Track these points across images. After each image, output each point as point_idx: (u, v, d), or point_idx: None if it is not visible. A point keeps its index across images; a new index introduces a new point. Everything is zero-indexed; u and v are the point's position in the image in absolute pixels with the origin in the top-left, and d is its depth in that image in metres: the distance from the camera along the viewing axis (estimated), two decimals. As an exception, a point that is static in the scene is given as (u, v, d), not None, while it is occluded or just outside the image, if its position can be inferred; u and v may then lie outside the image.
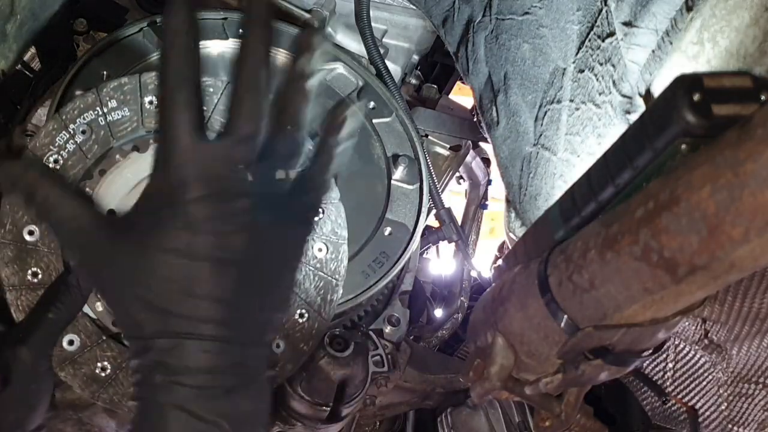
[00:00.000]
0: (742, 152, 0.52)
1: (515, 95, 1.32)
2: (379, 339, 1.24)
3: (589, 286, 0.70)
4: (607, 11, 1.08)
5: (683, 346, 1.27)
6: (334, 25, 1.57)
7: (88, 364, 0.98)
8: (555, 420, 0.95)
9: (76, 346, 0.99)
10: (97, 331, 1.00)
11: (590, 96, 1.15)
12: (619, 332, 0.72)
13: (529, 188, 1.33)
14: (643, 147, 0.66)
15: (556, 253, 0.76)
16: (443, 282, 1.74)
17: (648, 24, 1.01)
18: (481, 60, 1.40)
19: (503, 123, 1.37)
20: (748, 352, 1.19)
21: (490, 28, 1.35)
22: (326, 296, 1.06)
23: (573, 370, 0.81)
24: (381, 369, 1.21)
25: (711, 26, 0.92)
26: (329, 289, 1.06)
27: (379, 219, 1.27)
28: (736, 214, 0.53)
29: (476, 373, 0.95)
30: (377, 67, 1.48)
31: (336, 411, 1.13)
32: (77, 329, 0.99)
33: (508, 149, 1.38)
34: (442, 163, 1.61)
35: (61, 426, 1.13)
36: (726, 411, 1.26)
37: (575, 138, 1.19)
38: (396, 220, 1.27)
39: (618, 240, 0.65)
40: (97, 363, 0.99)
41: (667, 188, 0.60)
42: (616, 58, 1.08)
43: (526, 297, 0.81)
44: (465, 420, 1.38)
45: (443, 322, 1.58)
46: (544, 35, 1.22)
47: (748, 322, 1.15)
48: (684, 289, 0.62)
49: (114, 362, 0.99)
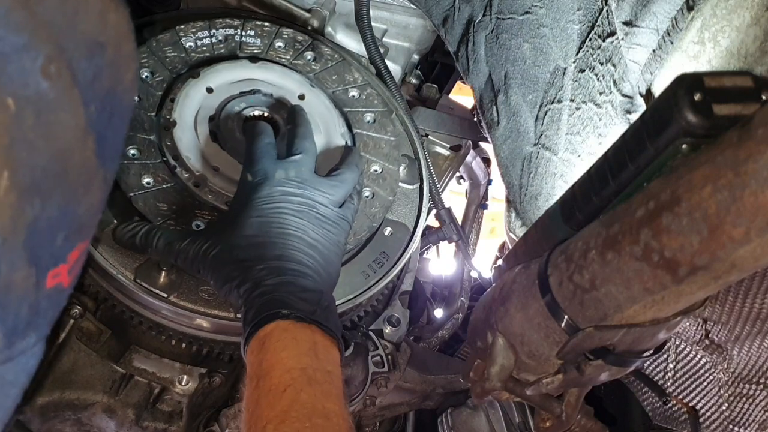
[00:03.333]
0: (743, 152, 0.52)
1: (516, 95, 1.32)
2: (379, 339, 1.23)
3: (589, 287, 0.70)
4: (607, 11, 1.08)
5: (684, 347, 1.27)
6: (334, 25, 1.57)
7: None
8: (555, 420, 0.95)
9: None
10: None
11: (591, 96, 1.14)
12: (619, 332, 0.72)
13: (530, 188, 1.32)
14: (643, 147, 0.66)
15: (557, 254, 0.76)
16: (443, 282, 1.74)
17: (649, 23, 1.01)
18: (482, 59, 1.40)
19: (503, 123, 1.37)
20: (749, 353, 1.19)
21: (490, 27, 1.35)
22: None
23: (573, 371, 0.81)
24: (381, 369, 1.21)
25: (712, 26, 0.91)
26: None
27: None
28: (737, 214, 0.53)
29: (476, 374, 0.95)
30: (377, 66, 1.48)
31: (336, 411, 1.13)
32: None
33: (508, 149, 1.38)
34: (443, 163, 1.61)
35: (60, 426, 1.13)
36: (727, 411, 1.26)
37: (576, 138, 1.19)
38: (396, 220, 1.27)
39: (619, 240, 0.65)
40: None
41: (667, 188, 0.59)
42: (617, 58, 1.08)
43: (526, 297, 0.81)
44: (465, 420, 1.38)
45: (443, 323, 1.58)
46: (544, 35, 1.22)
47: (749, 322, 1.15)
48: (685, 289, 0.62)
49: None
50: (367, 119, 1.32)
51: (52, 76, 0.49)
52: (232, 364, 1.15)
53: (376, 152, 1.29)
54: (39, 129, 0.49)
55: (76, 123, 0.53)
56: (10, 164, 0.48)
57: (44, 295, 0.57)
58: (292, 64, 1.33)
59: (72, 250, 0.59)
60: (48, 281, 0.57)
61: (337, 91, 1.34)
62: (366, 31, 1.47)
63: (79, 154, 0.55)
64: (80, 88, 0.53)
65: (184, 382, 1.12)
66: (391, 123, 1.34)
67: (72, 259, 0.59)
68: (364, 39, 1.48)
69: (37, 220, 0.52)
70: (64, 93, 0.51)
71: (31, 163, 0.50)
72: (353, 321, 1.24)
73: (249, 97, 1.22)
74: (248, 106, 1.21)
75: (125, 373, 1.12)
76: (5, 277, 0.52)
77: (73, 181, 0.55)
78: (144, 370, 1.12)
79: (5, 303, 0.53)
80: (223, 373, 1.13)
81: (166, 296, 1.07)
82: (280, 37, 1.36)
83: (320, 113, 1.26)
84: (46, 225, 0.54)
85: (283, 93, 1.26)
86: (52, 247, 0.56)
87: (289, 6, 1.52)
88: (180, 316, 1.09)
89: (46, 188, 0.52)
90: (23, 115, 0.48)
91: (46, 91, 0.49)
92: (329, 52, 1.39)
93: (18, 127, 0.48)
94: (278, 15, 1.51)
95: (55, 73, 0.50)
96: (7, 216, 0.49)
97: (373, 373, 1.18)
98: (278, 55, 1.34)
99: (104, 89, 0.57)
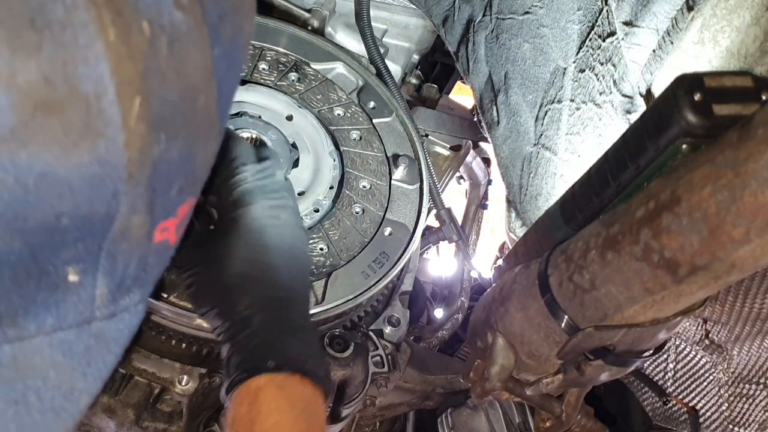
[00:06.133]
0: (743, 152, 0.52)
1: (516, 95, 1.32)
2: (379, 339, 1.23)
3: (589, 287, 0.70)
4: (607, 11, 1.08)
5: (684, 347, 1.27)
6: (334, 25, 1.57)
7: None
8: (555, 420, 0.95)
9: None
10: None
11: (591, 96, 1.14)
12: (619, 332, 0.72)
13: (530, 188, 1.32)
14: (643, 147, 0.66)
15: (557, 254, 0.76)
16: (443, 282, 1.74)
17: (649, 23, 1.01)
18: (482, 59, 1.40)
19: (504, 123, 1.37)
20: (749, 353, 1.19)
21: (490, 27, 1.35)
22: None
23: (573, 371, 0.81)
24: (381, 369, 1.20)
25: (712, 26, 0.91)
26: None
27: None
28: (737, 215, 0.53)
29: (477, 374, 0.95)
30: (377, 66, 1.48)
31: (336, 412, 1.13)
32: None
33: (508, 149, 1.38)
34: (443, 163, 1.61)
35: (60, 426, 1.13)
36: (727, 411, 1.26)
37: (576, 138, 1.19)
38: (396, 220, 1.27)
39: (619, 240, 0.65)
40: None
41: (667, 188, 0.59)
42: (617, 58, 1.08)
43: (526, 297, 0.81)
44: (465, 421, 1.38)
45: (443, 323, 1.58)
46: (544, 35, 1.22)
47: (749, 322, 1.15)
48: (685, 289, 0.62)
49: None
50: (353, 137, 1.34)
51: (185, 8, 0.47)
52: (232, 364, 1.15)
53: (364, 168, 1.30)
54: (171, 60, 0.47)
55: (204, 63, 0.50)
56: (143, 92, 0.45)
57: (152, 249, 0.54)
58: (277, 85, 1.34)
59: (183, 203, 0.55)
60: (157, 234, 0.53)
61: (323, 110, 1.35)
62: (366, 31, 1.47)
63: (204, 97, 0.52)
64: (208, 27, 0.50)
65: (184, 382, 1.12)
66: (377, 139, 1.36)
67: (182, 214, 0.56)
68: (364, 39, 1.48)
69: (160, 160, 0.49)
70: (195, 27, 0.49)
71: (162, 95, 0.47)
72: (353, 321, 1.23)
73: (236, 120, 1.23)
74: (236, 129, 1.22)
75: (125, 373, 1.12)
76: (123, 219, 0.48)
77: (196, 126, 0.52)
78: (144, 370, 1.12)
79: (117, 252, 0.50)
80: (222, 373, 1.13)
81: (166, 296, 1.07)
82: (263, 60, 1.37)
83: (308, 133, 1.28)
84: (166, 170, 0.50)
85: (271, 114, 1.27)
86: (167, 197, 0.52)
87: (289, 6, 1.52)
88: (180, 316, 1.09)
89: (172, 127, 0.49)
90: (157, 43, 0.46)
91: (179, 21, 0.47)
92: (312, 72, 1.40)
93: (152, 55, 0.46)
94: (278, 15, 1.51)
95: (188, 5, 0.48)
96: (136, 147, 0.46)
97: (373, 373, 1.18)
98: (263, 77, 1.35)
99: (228, 35, 0.54)
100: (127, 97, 0.44)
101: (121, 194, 0.47)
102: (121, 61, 0.44)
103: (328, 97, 1.37)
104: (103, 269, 0.50)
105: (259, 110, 1.27)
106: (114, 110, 0.44)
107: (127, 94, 0.44)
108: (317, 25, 1.51)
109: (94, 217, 0.47)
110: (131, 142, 0.46)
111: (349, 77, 1.43)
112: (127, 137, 0.45)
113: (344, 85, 1.41)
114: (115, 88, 0.44)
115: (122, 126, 0.45)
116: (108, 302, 0.53)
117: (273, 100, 1.30)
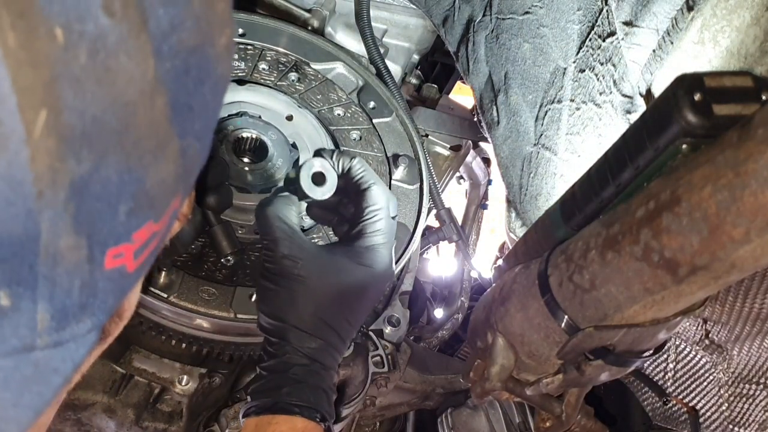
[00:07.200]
0: (743, 152, 0.52)
1: (516, 95, 1.32)
2: (379, 339, 1.23)
3: (589, 287, 0.70)
4: (607, 11, 1.08)
5: (684, 347, 1.27)
6: (334, 25, 1.57)
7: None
8: (556, 420, 0.95)
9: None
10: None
11: (591, 96, 1.14)
12: (619, 332, 0.72)
13: (530, 188, 1.32)
14: (643, 147, 0.66)
15: (557, 253, 0.76)
16: (443, 282, 1.74)
17: (649, 23, 1.01)
18: (482, 59, 1.40)
19: (504, 123, 1.37)
20: (749, 353, 1.19)
21: (490, 27, 1.35)
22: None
23: (573, 371, 0.81)
24: (381, 369, 1.21)
25: (712, 26, 0.91)
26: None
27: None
28: (737, 215, 0.53)
29: (477, 374, 0.95)
30: (377, 66, 1.48)
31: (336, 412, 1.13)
32: None
33: (508, 149, 1.38)
34: (443, 163, 1.61)
35: (60, 426, 1.13)
36: (727, 411, 1.26)
37: (576, 138, 1.19)
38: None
39: (619, 240, 0.65)
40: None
41: (667, 188, 0.59)
42: (617, 58, 1.08)
43: (526, 297, 0.81)
44: (465, 421, 1.38)
45: (443, 323, 1.58)
46: (544, 35, 1.22)
47: (749, 322, 1.15)
48: (685, 289, 0.62)
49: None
50: (353, 137, 1.34)
51: (116, 14, 0.43)
52: (232, 364, 1.15)
53: None
54: (93, 70, 0.43)
55: (141, 74, 0.46)
56: (51, 103, 0.41)
57: (102, 276, 0.50)
58: (277, 85, 1.34)
59: (138, 228, 0.51)
60: (107, 261, 0.50)
61: (323, 110, 1.35)
62: (366, 31, 1.47)
63: (145, 112, 0.47)
64: (151, 36, 0.46)
65: (184, 382, 1.12)
66: (377, 139, 1.35)
67: (139, 240, 0.52)
68: (364, 39, 1.48)
69: (88, 180, 0.45)
70: (129, 36, 0.44)
71: (79, 108, 0.43)
72: (353, 321, 1.23)
73: (236, 120, 1.23)
74: (236, 129, 1.22)
75: (125, 373, 1.12)
76: (48, 242, 0.45)
77: (138, 144, 0.48)
78: (144, 370, 1.12)
79: (52, 275, 0.47)
80: (223, 373, 1.13)
81: (166, 296, 1.07)
82: (263, 59, 1.37)
83: (308, 133, 1.28)
84: (102, 190, 0.46)
85: (271, 114, 1.27)
86: (113, 221, 0.49)
87: (289, 6, 1.52)
88: (180, 316, 1.09)
89: (99, 144, 0.45)
90: (74, 51, 0.42)
91: (106, 29, 0.43)
92: (312, 72, 1.40)
93: (65, 63, 0.42)
94: (278, 15, 1.51)
95: (120, 11, 0.43)
96: (44, 164, 0.42)
97: (373, 373, 1.18)
98: (263, 77, 1.35)
99: (186, 47, 0.49)
100: (30, 108, 0.41)
101: (35, 213, 0.44)
102: (21, 68, 0.40)
103: (328, 97, 1.37)
104: (42, 294, 0.47)
105: (259, 110, 1.27)
106: (14, 121, 0.40)
107: (31, 104, 0.41)
108: (317, 25, 1.51)
109: (12, 236, 0.44)
110: (37, 158, 0.42)
111: (349, 77, 1.43)
112: (32, 152, 0.42)
113: (344, 85, 1.41)
114: (16, 97, 0.40)
115: (26, 139, 0.41)
116: (51, 330, 0.49)
117: (273, 100, 1.30)
